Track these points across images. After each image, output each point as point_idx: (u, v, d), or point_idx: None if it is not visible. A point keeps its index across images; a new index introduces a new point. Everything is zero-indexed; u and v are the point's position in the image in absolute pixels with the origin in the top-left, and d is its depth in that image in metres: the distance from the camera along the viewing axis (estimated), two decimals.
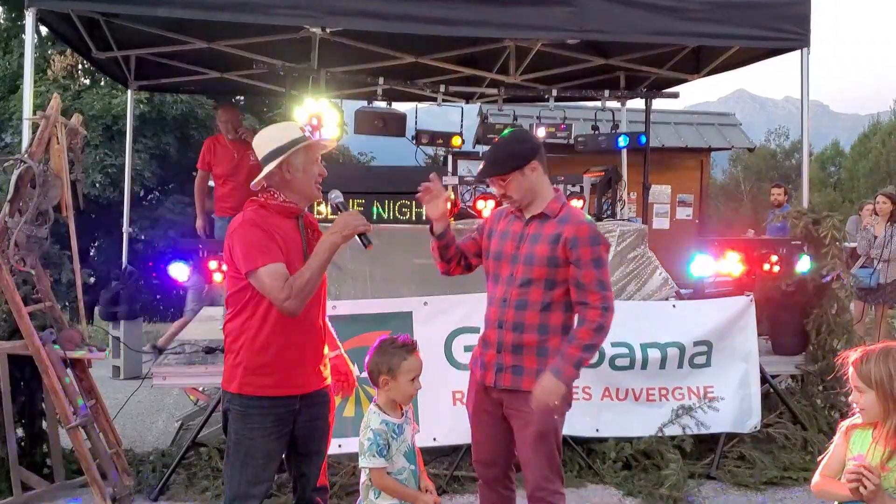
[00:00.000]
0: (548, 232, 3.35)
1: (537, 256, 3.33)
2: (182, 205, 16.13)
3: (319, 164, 3.23)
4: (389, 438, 3.09)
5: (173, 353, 5.78)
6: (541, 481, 3.40)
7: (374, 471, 3.05)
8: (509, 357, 3.40)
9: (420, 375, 3.19)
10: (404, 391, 3.14)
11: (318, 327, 3.25)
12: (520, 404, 3.36)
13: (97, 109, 13.67)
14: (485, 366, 3.46)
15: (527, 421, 3.36)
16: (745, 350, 5.61)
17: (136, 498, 4.88)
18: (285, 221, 3.16)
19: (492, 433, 3.54)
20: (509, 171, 3.35)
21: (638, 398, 5.46)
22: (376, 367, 3.15)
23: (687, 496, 4.90)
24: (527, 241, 3.39)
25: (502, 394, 3.43)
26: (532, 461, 3.41)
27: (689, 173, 12.03)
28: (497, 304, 3.42)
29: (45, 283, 4.97)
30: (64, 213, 4.99)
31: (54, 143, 4.87)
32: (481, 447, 3.60)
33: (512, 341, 3.39)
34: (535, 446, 3.38)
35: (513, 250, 3.42)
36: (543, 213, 3.39)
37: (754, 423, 5.54)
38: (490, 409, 3.51)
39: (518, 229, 3.45)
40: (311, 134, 3.28)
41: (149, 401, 7.27)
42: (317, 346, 3.25)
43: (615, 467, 5.25)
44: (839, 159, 47.42)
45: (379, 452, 3.04)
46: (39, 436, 5.07)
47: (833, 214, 6.12)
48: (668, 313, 5.63)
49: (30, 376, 4.97)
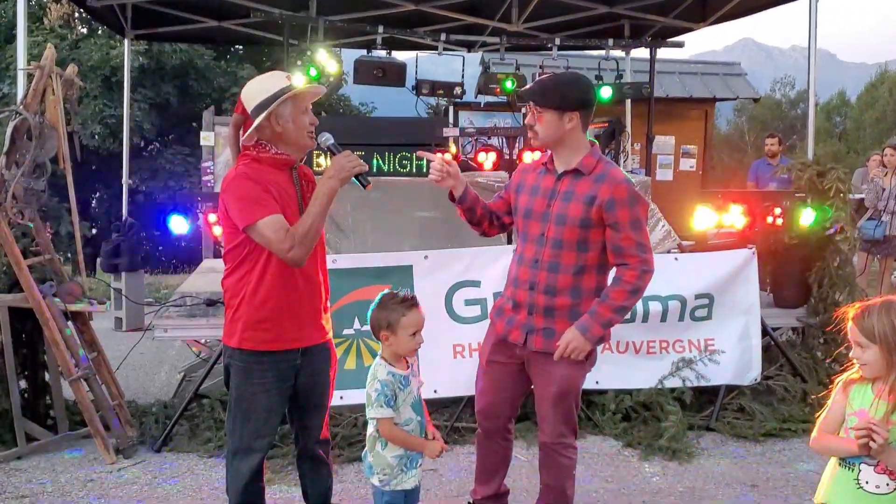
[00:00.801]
0: (582, 191, 3.23)
1: (570, 217, 3.22)
2: (182, 156, 16.09)
3: (310, 112, 3.14)
4: (396, 389, 3.09)
5: (174, 306, 5.79)
6: (555, 435, 3.44)
7: (382, 421, 3.06)
8: (541, 320, 3.34)
9: (421, 330, 3.17)
10: (405, 345, 3.12)
11: (317, 280, 3.23)
12: (547, 365, 3.35)
13: (95, 60, 13.54)
14: (513, 323, 3.41)
15: (551, 380, 3.36)
16: (746, 303, 5.59)
17: (140, 449, 4.92)
18: (279, 174, 3.11)
19: (500, 385, 3.54)
20: (547, 107, 3.21)
21: (638, 351, 5.46)
22: (377, 322, 3.14)
23: (686, 447, 4.92)
24: (558, 199, 3.27)
25: (530, 354, 3.40)
26: (549, 416, 3.43)
27: (693, 124, 11.89)
28: (528, 265, 3.33)
29: (44, 236, 4.96)
30: (61, 166, 4.94)
31: (49, 94, 4.81)
32: (486, 397, 3.60)
33: (544, 304, 3.32)
34: (555, 404, 3.39)
35: (543, 208, 3.30)
36: (577, 168, 3.26)
37: (754, 375, 5.55)
38: (505, 362, 3.50)
39: (549, 185, 3.32)
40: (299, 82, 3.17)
41: (151, 352, 7.30)
42: (316, 299, 3.23)
43: (615, 419, 5.27)
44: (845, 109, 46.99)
45: (387, 403, 3.05)
46: (42, 387, 5.09)
47: (837, 166, 6.05)
48: (670, 266, 5.58)
49: (31, 329, 4.98)
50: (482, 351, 3.63)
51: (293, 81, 3.11)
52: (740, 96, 12.47)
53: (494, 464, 3.73)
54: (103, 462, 4.70)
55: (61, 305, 4.83)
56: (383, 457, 3.09)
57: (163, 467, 4.66)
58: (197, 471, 4.62)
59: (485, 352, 3.59)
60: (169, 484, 4.44)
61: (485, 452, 3.71)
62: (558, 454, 3.47)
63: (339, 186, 3.04)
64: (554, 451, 3.47)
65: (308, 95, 3.16)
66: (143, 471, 4.62)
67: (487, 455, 3.71)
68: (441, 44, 7.34)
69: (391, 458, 3.08)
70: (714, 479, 4.56)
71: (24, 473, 4.54)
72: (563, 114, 3.21)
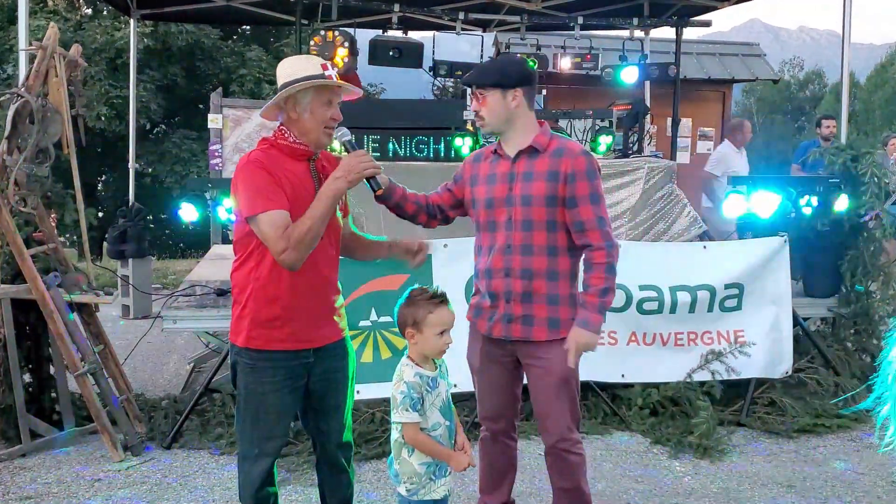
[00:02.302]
0: (541, 168, 3.14)
1: (535, 196, 3.12)
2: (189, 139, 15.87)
3: (334, 107, 2.90)
4: (423, 392, 2.89)
5: (184, 296, 5.59)
6: (564, 431, 3.24)
7: (407, 426, 2.85)
8: (518, 307, 3.19)
9: (450, 329, 2.96)
10: (432, 345, 2.91)
11: (330, 278, 3.00)
12: (535, 353, 3.21)
13: (100, 42, 13.30)
14: (492, 318, 3.25)
15: (546, 369, 3.20)
16: (777, 293, 5.38)
17: (149, 445, 4.74)
18: (296, 164, 2.89)
19: (500, 385, 3.37)
20: (489, 86, 3.13)
21: (666, 343, 5.25)
22: (402, 319, 2.93)
23: (717, 444, 4.73)
24: (518, 181, 3.16)
25: (515, 345, 3.25)
26: (554, 410, 3.24)
27: (710, 105, 11.63)
28: (500, 252, 3.19)
29: (47, 224, 4.76)
30: (65, 151, 4.74)
31: (52, 75, 4.59)
32: (489, 401, 3.41)
33: (522, 289, 3.18)
34: (558, 394, 3.22)
35: (505, 192, 3.17)
36: (532, 146, 3.16)
37: (785, 368, 5.35)
38: (500, 360, 3.32)
39: (505, 169, 3.20)
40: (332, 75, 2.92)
41: (159, 341, 7.12)
42: (329, 296, 3.01)
43: (642, 414, 5.08)
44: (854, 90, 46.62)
45: (412, 406, 2.84)
46: (48, 381, 4.91)
47: (872, 150, 5.81)
48: (699, 255, 5.39)
49: (35, 321, 4.79)
50: (471, 356, 3.43)
51: (328, 71, 2.88)
52: (759, 77, 12.17)
53: (503, 468, 3.53)
54: (111, 460, 4.52)
55: (66, 297, 4.63)
56: (410, 464, 2.89)
57: (173, 466, 4.48)
58: (209, 469, 4.44)
59: (474, 356, 3.40)
60: (179, 483, 4.26)
61: (492, 457, 3.50)
62: (568, 453, 3.26)
63: (346, 188, 2.82)
64: (563, 451, 3.26)
65: (335, 90, 2.90)
66: (152, 469, 4.43)
67: (495, 459, 3.51)
68: (459, 23, 7.07)
69: (418, 466, 2.88)
70: (748, 479, 4.36)
71: (28, 472, 4.37)
72: (506, 92, 3.13)
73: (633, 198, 5.86)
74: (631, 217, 5.90)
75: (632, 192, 5.87)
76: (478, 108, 3.18)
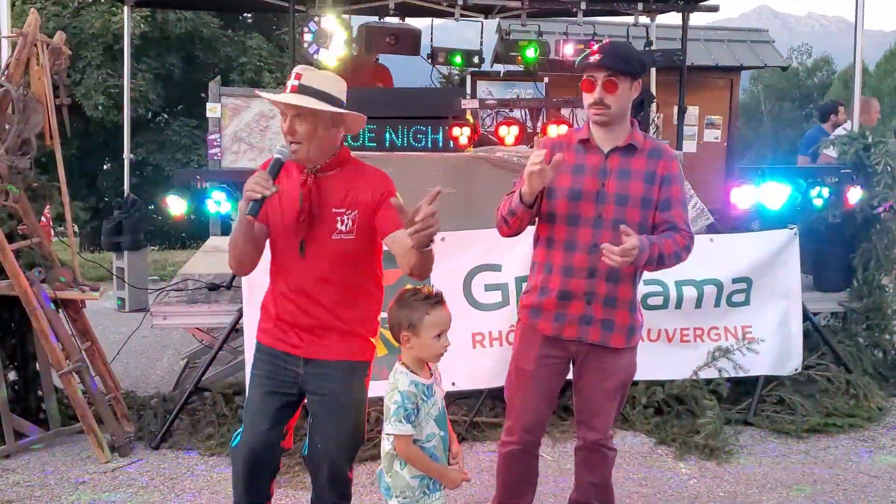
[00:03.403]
0: (638, 168, 2.97)
1: (631, 196, 2.95)
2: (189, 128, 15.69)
3: (287, 121, 2.73)
4: (419, 401, 2.72)
5: (175, 290, 5.44)
6: (607, 429, 3.19)
7: (400, 439, 2.69)
8: (600, 310, 3.02)
9: (447, 331, 2.80)
10: (429, 349, 2.74)
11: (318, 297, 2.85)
12: (605, 358, 3.08)
13: (97, 28, 13.10)
14: (565, 318, 3.05)
15: (612, 373, 3.10)
16: (786, 287, 5.20)
17: (137, 445, 4.60)
18: (295, 175, 2.85)
19: (550, 391, 3.20)
20: (626, 74, 2.89)
21: (671, 339, 5.08)
22: (396, 322, 2.76)
23: (724, 445, 4.56)
24: (612, 177, 2.97)
25: (582, 347, 3.08)
26: (604, 411, 3.17)
27: (717, 93, 11.36)
28: (584, 250, 2.98)
29: (31, 218, 4.60)
30: (48, 142, 4.58)
31: (34, 64, 4.42)
32: (535, 409, 3.19)
33: (606, 292, 3.01)
34: (614, 396, 3.15)
35: (596, 187, 2.97)
36: (631, 144, 2.98)
37: (795, 365, 5.17)
38: (556, 362, 3.14)
39: (596, 163, 2.99)
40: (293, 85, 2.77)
41: (154, 336, 6.98)
42: (322, 313, 2.86)
43: (646, 413, 4.92)
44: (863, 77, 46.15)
45: (406, 418, 2.67)
46: (34, 380, 4.76)
47: (885, 140, 5.62)
48: (706, 248, 5.17)
49: (20, 317, 4.64)
50: (520, 358, 3.19)
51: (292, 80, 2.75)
52: (768, 64, 11.88)
53: (529, 481, 3.37)
54: (97, 461, 4.38)
55: (51, 293, 4.48)
56: (402, 477, 2.72)
57: (160, 467, 4.33)
58: (197, 471, 4.29)
59: (527, 361, 3.15)
60: (167, 486, 4.11)
61: (522, 471, 3.31)
62: (606, 448, 3.23)
63: (242, 207, 2.68)
64: (602, 447, 3.22)
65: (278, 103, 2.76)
66: (139, 471, 4.29)
67: (526, 473, 3.32)
68: (457, 9, 6.85)
69: (411, 479, 2.71)
70: (756, 482, 4.20)
71: (11, 474, 4.23)
72: (633, 82, 2.94)
73: None
74: None
75: None
76: (603, 95, 2.90)
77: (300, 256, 2.82)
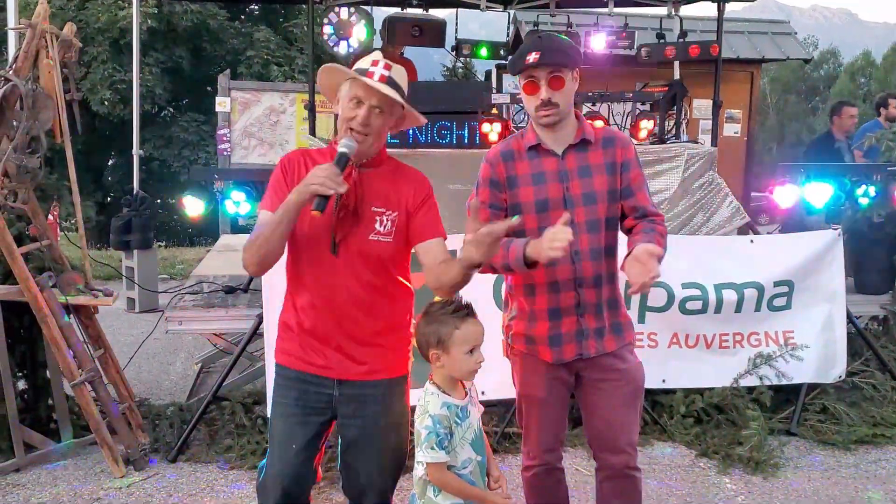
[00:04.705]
0: (597, 161, 2.77)
1: (598, 192, 2.75)
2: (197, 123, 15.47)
3: (361, 110, 2.47)
4: (452, 425, 2.51)
5: (190, 294, 5.22)
6: (629, 449, 2.84)
7: (432, 466, 2.47)
8: (592, 319, 2.79)
9: (481, 345, 2.57)
10: (461, 366, 2.52)
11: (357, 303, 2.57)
12: (605, 365, 2.82)
13: (103, 21, 12.87)
14: (559, 342, 2.80)
15: (621, 380, 2.83)
16: (829, 290, 4.95)
17: (153, 458, 4.38)
18: None
19: (564, 411, 2.97)
20: (571, 66, 2.69)
21: (710, 345, 4.84)
22: (424, 339, 2.54)
23: (769, 458, 4.34)
24: (574, 178, 2.75)
25: (580, 363, 2.83)
26: (622, 425, 2.84)
27: (738, 87, 11.08)
28: (567, 262, 2.72)
29: (41, 220, 4.38)
30: (58, 139, 4.35)
31: (43, 57, 4.20)
32: (550, 431, 2.97)
33: (595, 300, 2.79)
34: (629, 405, 2.85)
35: (561, 193, 2.74)
36: (584, 139, 2.77)
37: (839, 372, 4.94)
38: (564, 381, 2.89)
39: (554, 167, 2.76)
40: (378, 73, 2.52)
41: (166, 339, 6.73)
42: (354, 324, 2.58)
43: (685, 423, 4.70)
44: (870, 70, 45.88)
45: (439, 444, 2.46)
46: (44, 388, 4.54)
47: None
48: (746, 249, 4.97)
49: (30, 323, 4.42)
50: (526, 385, 2.93)
51: (377, 68, 2.51)
52: (790, 57, 11.60)
53: (564, 497, 3.13)
54: (111, 475, 4.16)
55: (62, 298, 4.26)
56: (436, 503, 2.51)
57: (178, 482, 4.11)
58: (217, 486, 4.07)
59: (535, 388, 2.90)
60: (185, 503, 3.90)
61: (552, 490, 3.06)
62: (635, 471, 2.88)
63: (298, 200, 2.40)
64: (632, 470, 2.87)
65: (370, 91, 2.47)
66: (155, 486, 4.07)
67: (555, 492, 3.07)
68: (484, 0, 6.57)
69: None
70: (807, 499, 3.98)
71: (21, 490, 4.01)
72: (573, 73, 2.73)
73: (672, 187, 5.45)
74: (669, 207, 5.48)
75: (670, 180, 5.45)
76: (550, 94, 2.67)
77: (331, 256, 2.53)
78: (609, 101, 5.72)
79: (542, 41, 2.72)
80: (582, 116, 2.86)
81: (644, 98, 5.74)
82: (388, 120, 2.54)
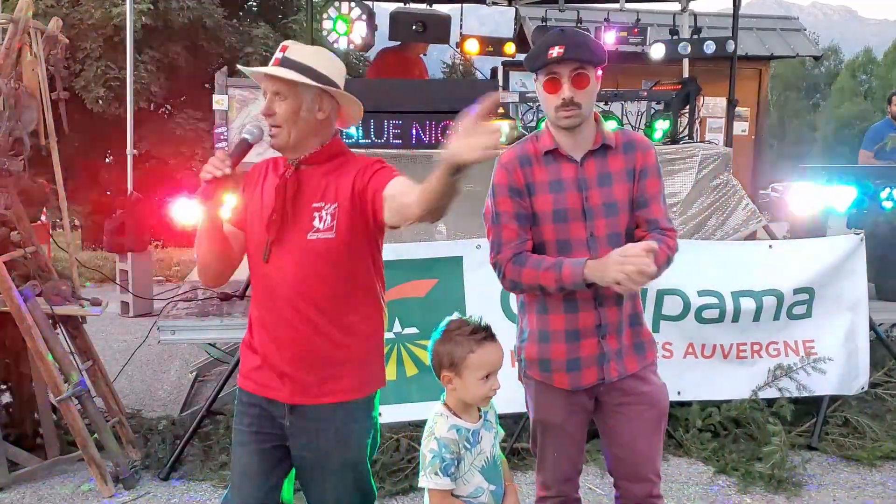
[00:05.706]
0: (615, 168, 2.56)
1: (619, 202, 2.55)
2: (194, 120, 15.20)
3: (268, 100, 2.27)
4: (461, 449, 2.30)
5: (184, 301, 5.00)
6: (654, 478, 2.66)
7: (434, 493, 2.27)
8: (614, 340, 2.57)
9: (497, 371, 2.35)
10: (474, 392, 2.31)
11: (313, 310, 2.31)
12: (630, 390, 2.60)
13: (97, 18, 12.61)
14: (580, 364, 2.58)
15: (644, 404, 2.62)
16: (852, 298, 4.74)
17: (143, 476, 4.17)
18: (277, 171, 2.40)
19: (581, 440, 2.76)
20: (597, 63, 2.48)
21: (727, 355, 4.63)
22: (437, 359, 2.34)
23: (792, 475, 4.13)
24: (594, 187, 2.54)
25: (601, 387, 2.61)
26: (648, 456, 2.65)
27: (745, 83, 10.88)
28: None
29: (25, 225, 4.16)
30: (43, 141, 4.13)
31: (27, 53, 3.97)
32: (569, 460, 2.76)
33: (617, 319, 2.57)
34: (654, 429, 2.65)
35: (580, 203, 2.53)
36: (605, 144, 2.55)
37: (861, 383, 4.72)
38: (582, 413, 2.68)
39: (572, 174, 2.54)
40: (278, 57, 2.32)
41: (161, 345, 6.50)
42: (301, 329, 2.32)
43: (702, 437, 4.49)
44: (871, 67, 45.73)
45: (443, 470, 2.26)
46: (30, 401, 4.33)
47: None
48: (764, 255, 4.75)
49: (14, 333, 4.19)
50: (542, 411, 2.72)
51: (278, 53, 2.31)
52: (800, 53, 11.40)
53: None
54: (99, 494, 3.95)
55: (47, 308, 4.04)
56: None
57: (170, 502, 3.90)
58: None
59: (552, 412, 2.68)
60: None
61: None
62: (656, 499, 2.68)
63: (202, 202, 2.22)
64: (653, 500, 2.67)
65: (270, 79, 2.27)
66: None
67: None
68: None
69: None
70: None
71: None
72: (596, 71, 2.53)
73: (686, 189, 5.23)
74: (682, 210, 5.26)
75: (684, 182, 5.23)
76: (573, 93, 2.45)
77: (269, 264, 2.31)
78: (622, 100, 5.49)
79: (566, 35, 2.49)
80: (601, 118, 2.64)
81: (658, 97, 5.51)
82: (301, 104, 2.27)
